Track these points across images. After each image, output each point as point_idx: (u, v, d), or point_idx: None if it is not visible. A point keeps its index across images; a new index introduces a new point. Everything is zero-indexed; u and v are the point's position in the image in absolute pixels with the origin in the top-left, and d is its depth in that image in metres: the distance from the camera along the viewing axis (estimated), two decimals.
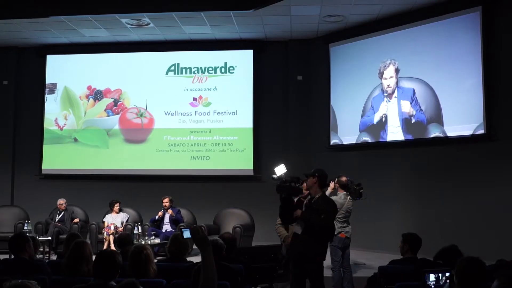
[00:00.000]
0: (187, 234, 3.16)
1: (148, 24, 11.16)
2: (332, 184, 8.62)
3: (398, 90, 10.57)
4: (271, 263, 6.73)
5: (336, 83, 11.62)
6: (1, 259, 5.47)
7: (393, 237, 8.42)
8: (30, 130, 12.84)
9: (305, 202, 5.92)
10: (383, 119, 10.78)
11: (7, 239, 8.95)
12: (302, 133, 12.01)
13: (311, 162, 11.15)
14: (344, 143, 11.44)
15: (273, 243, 7.60)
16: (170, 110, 12.37)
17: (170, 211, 10.52)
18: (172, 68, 12.50)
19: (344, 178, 7.71)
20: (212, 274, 3.05)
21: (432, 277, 3.68)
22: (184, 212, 10.87)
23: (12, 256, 5.38)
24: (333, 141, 11.62)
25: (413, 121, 10.29)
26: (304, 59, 12.15)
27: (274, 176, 6.07)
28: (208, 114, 12.26)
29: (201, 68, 12.41)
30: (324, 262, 5.85)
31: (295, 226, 5.96)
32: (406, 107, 10.40)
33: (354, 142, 11.27)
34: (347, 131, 11.40)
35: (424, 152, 10.31)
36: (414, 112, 10.29)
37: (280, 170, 6.05)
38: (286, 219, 6.00)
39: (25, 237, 5.29)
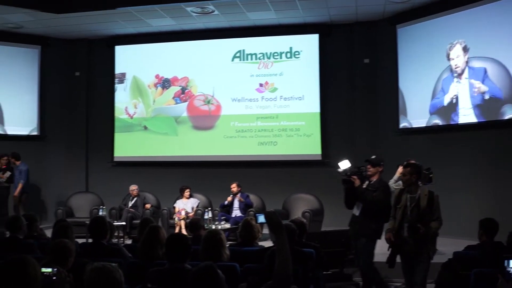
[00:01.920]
0: (261, 219, 3.19)
1: (213, 11, 11.23)
2: (400, 169, 8.48)
3: (469, 70, 10.22)
4: (341, 248, 6.73)
5: (404, 65, 11.36)
6: (80, 243, 5.65)
7: (465, 222, 8.24)
8: (102, 119, 13.21)
9: (364, 186, 6.44)
10: (454, 100, 10.46)
11: (83, 224, 9.38)
12: (370, 117, 11.83)
13: (379, 146, 11.00)
14: (414, 126, 11.20)
15: (343, 228, 7.55)
16: (237, 96, 12.44)
17: (238, 196, 10.65)
18: (238, 54, 12.55)
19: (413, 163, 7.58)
20: (287, 257, 3.06)
21: None
22: (252, 197, 10.96)
23: (90, 240, 5.57)
24: (402, 124, 11.39)
25: (486, 97, 9.89)
26: (371, 42, 11.92)
27: (339, 170, 6.59)
28: (275, 99, 12.25)
29: (266, 53, 12.40)
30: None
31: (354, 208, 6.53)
32: (478, 86, 10.05)
33: (424, 125, 11.00)
34: (416, 114, 11.13)
35: (498, 134, 9.92)
36: (487, 89, 9.89)
37: (344, 164, 6.57)
38: (349, 204, 6.55)
39: (104, 222, 5.47)
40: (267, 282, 3.13)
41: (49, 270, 3.47)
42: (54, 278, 3.45)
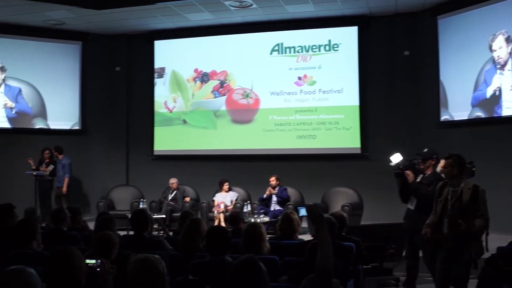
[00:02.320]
0: (302, 212, 3.19)
1: (251, 5, 11.22)
2: (442, 162, 8.38)
3: None
4: (381, 242, 6.67)
5: (445, 57, 11.16)
6: (121, 235, 5.73)
7: (509, 218, 8.06)
8: (142, 113, 13.38)
9: (418, 180, 6.38)
10: (497, 93, 10.23)
11: (124, 217, 9.50)
12: (410, 110, 11.65)
13: (420, 139, 10.83)
14: (455, 119, 11.00)
15: (383, 222, 7.49)
16: (275, 90, 12.41)
17: (271, 189, 10.64)
18: (276, 48, 12.51)
19: None
20: (328, 251, 3.05)
21: None
22: (291, 191, 10.95)
23: (131, 232, 5.64)
24: (444, 117, 11.19)
25: None
26: (411, 33, 11.74)
27: (391, 164, 6.56)
28: (313, 92, 12.18)
29: (305, 46, 12.33)
30: None
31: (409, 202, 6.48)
32: None
33: (466, 118, 10.79)
34: (458, 107, 10.93)
35: None
36: None
37: (396, 158, 6.55)
38: (404, 198, 6.51)
39: (146, 214, 5.54)
40: (309, 276, 3.12)
41: (93, 261, 3.53)
42: (98, 269, 3.51)
